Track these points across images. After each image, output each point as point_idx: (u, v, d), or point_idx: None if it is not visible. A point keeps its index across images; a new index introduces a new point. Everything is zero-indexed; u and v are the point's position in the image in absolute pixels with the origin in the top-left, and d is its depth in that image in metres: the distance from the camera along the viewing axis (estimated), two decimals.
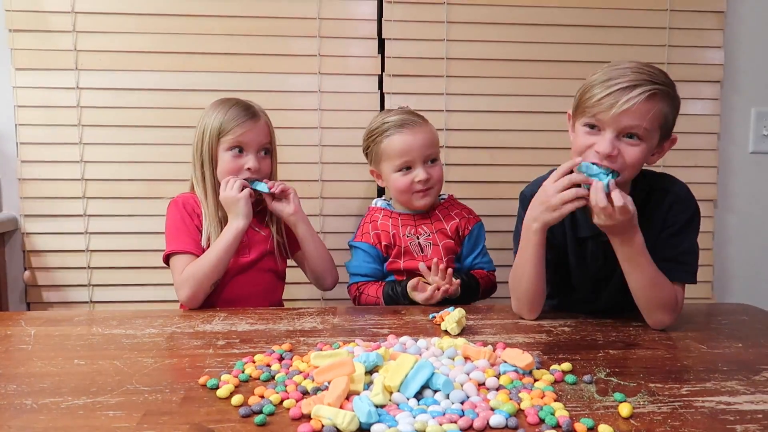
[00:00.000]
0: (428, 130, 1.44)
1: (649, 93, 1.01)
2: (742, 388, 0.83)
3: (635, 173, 1.09)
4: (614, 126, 1.03)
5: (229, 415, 0.73)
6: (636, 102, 1.00)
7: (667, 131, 1.08)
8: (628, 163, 1.05)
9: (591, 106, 1.04)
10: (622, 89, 1.01)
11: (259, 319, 1.18)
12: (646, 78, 1.02)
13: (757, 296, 1.83)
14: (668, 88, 1.05)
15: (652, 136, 1.05)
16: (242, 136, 1.33)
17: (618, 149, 1.04)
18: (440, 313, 1.13)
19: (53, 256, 1.76)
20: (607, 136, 1.03)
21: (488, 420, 0.70)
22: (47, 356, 0.95)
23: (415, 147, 1.40)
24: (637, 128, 1.03)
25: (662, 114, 1.04)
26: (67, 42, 1.69)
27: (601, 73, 1.06)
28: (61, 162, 1.72)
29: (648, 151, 1.06)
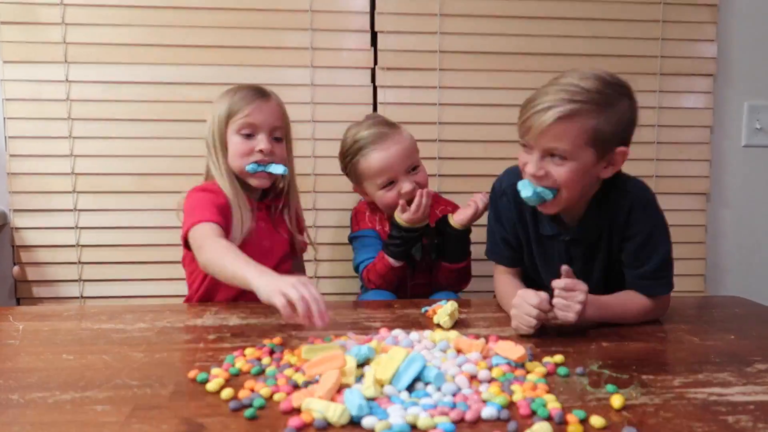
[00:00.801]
0: (402, 138, 1.40)
1: (562, 114, 0.98)
2: (734, 380, 0.83)
3: (576, 190, 1.06)
4: (537, 147, 1.03)
5: (218, 409, 0.73)
6: (548, 124, 0.99)
7: (605, 144, 1.03)
8: (559, 182, 1.04)
9: (519, 127, 1.06)
10: (537, 112, 1.00)
11: (251, 313, 1.17)
12: (564, 97, 0.99)
13: (749, 289, 1.83)
14: (595, 102, 1.00)
15: (579, 154, 1.02)
16: (251, 117, 1.25)
17: (544, 169, 1.04)
18: (433, 307, 1.12)
19: (43, 251, 1.74)
20: (533, 157, 1.04)
21: (480, 412, 0.69)
22: (35, 351, 0.94)
23: (394, 162, 1.37)
24: (558, 149, 1.02)
25: (585, 130, 1.00)
26: (57, 34, 1.67)
27: (534, 92, 1.05)
28: (50, 156, 1.70)
29: (580, 169, 1.03)
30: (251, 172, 1.27)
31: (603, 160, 1.05)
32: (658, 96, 1.84)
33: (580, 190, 1.08)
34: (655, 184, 1.85)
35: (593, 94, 1.00)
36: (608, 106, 1.01)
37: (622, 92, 1.05)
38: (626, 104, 1.05)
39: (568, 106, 0.99)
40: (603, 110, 1.01)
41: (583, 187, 1.08)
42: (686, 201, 1.89)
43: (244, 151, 1.26)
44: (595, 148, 1.02)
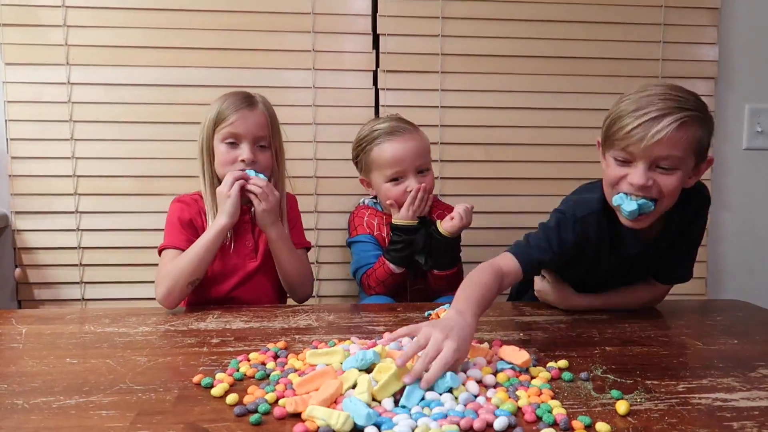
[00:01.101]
0: (419, 137, 1.44)
1: (680, 122, 0.97)
2: (739, 385, 0.83)
3: (674, 200, 1.05)
4: (646, 157, 1.00)
5: (223, 414, 0.73)
6: (667, 132, 0.96)
7: (702, 154, 1.04)
8: (665, 192, 1.02)
9: (621, 139, 1.00)
10: (651, 120, 0.97)
11: (254, 316, 1.17)
12: (675, 105, 0.98)
13: (750, 293, 1.83)
14: (699, 112, 1.00)
15: (687, 162, 1.02)
16: (235, 126, 1.27)
17: (652, 179, 1.01)
18: (436, 311, 1.13)
19: (45, 253, 1.74)
20: (640, 168, 1.00)
21: (489, 422, 0.69)
22: (39, 355, 0.93)
23: (406, 156, 1.40)
24: (671, 158, 0.99)
25: (695, 140, 1.00)
26: (58, 37, 1.67)
27: (629, 102, 1.02)
28: (52, 158, 1.70)
29: (684, 177, 1.03)
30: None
31: (695, 168, 1.05)
32: None
33: (673, 203, 1.06)
34: None
35: (697, 101, 1.01)
36: (706, 115, 1.02)
37: (707, 108, 1.05)
38: (711, 117, 1.05)
39: (684, 114, 0.97)
40: (705, 119, 1.01)
41: (675, 199, 1.06)
42: None
43: (228, 160, 1.29)
44: (696, 157, 1.03)
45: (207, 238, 1.23)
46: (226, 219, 1.23)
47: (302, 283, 1.38)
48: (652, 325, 1.13)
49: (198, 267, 1.23)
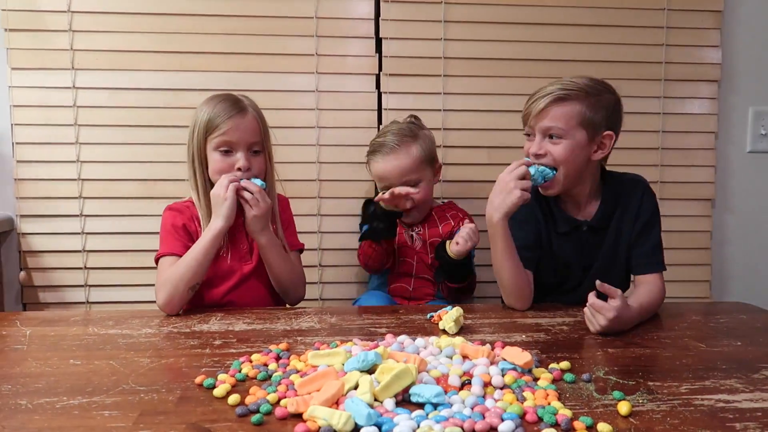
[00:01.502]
0: (408, 155, 1.50)
1: (556, 96, 1.20)
2: (742, 387, 0.83)
3: (573, 168, 1.23)
4: (537, 128, 1.23)
5: (225, 415, 0.73)
6: (544, 104, 1.20)
7: (595, 127, 1.22)
8: (557, 159, 1.21)
9: (524, 116, 1.27)
10: (536, 99, 1.22)
11: (257, 318, 1.17)
12: (559, 87, 1.21)
13: (755, 295, 1.83)
14: (583, 90, 1.20)
15: (573, 133, 1.21)
16: (228, 134, 1.26)
17: (545, 149, 1.22)
18: (438, 312, 1.13)
19: (49, 256, 1.75)
20: (536, 139, 1.24)
21: (494, 425, 0.68)
22: (43, 356, 0.94)
23: (391, 176, 1.50)
24: (554, 128, 1.21)
25: (576, 113, 1.20)
26: (64, 41, 1.68)
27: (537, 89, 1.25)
28: (57, 162, 1.71)
29: (573, 147, 1.21)
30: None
31: (593, 142, 1.23)
32: (663, 102, 1.84)
33: (577, 170, 1.24)
34: (660, 190, 1.85)
35: (581, 85, 1.22)
36: (594, 95, 1.22)
37: (606, 88, 1.25)
38: (610, 97, 1.25)
39: (561, 92, 1.20)
40: (589, 97, 1.21)
41: (578, 167, 1.23)
42: (691, 207, 1.89)
43: (223, 168, 1.28)
44: (586, 130, 1.21)
45: (204, 242, 1.24)
46: (222, 222, 1.23)
47: (294, 287, 1.37)
48: (654, 326, 1.13)
49: (197, 271, 1.23)
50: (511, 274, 1.23)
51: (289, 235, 1.40)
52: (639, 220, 1.28)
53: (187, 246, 1.27)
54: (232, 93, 1.35)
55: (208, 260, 1.24)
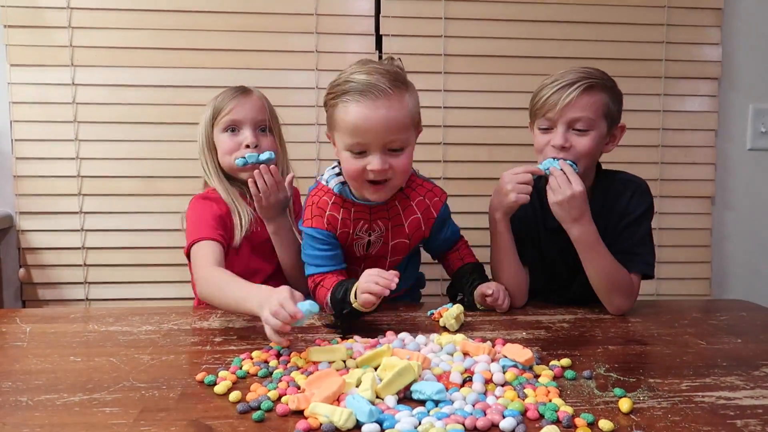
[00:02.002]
0: (398, 106, 1.06)
1: (586, 85, 1.15)
2: (742, 384, 0.83)
3: (591, 161, 1.21)
4: (563, 120, 1.17)
5: (226, 412, 0.73)
6: (576, 94, 1.14)
7: (613, 119, 1.20)
8: (582, 152, 1.17)
9: (541, 107, 1.19)
10: (563, 87, 1.16)
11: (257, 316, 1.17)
12: (582, 75, 1.16)
13: (754, 293, 1.83)
14: (604, 81, 1.18)
15: (599, 124, 1.17)
16: (234, 113, 1.26)
17: (569, 141, 1.17)
18: (438, 310, 1.12)
19: (49, 253, 1.75)
20: (559, 131, 1.17)
21: (495, 422, 0.68)
22: (43, 353, 0.94)
23: (371, 128, 1.05)
24: (583, 119, 1.16)
25: (603, 103, 1.17)
26: (63, 38, 1.68)
27: (547, 79, 1.20)
28: (56, 159, 1.71)
29: (598, 139, 1.18)
30: (240, 166, 1.27)
31: (609, 134, 1.21)
32: (663, 99, 1.84)
33: (594, 164, 1.23)
34: (660, 187, 1.85)
35: (602, 75, 1.19)
36: (612, 87, 1.20)
37: (613, 81, 1.22)
38: (619, 89, 1.22)
39: (590, 81, 1.16)
40: (610, 88, 1.19)
41: (595, 160, 1.22)
42: (691, 204, 1.89)
43: (232, 147, 1.27)
44: (607, 121, 1.19)
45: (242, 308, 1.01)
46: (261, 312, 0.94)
47: (297, 278, 1.29)
48: (655, 324, 1.13)
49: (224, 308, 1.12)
50: (510, 272, 1.24)
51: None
52: (624, 219, 1.23)
53: (222, 236, 1.21)
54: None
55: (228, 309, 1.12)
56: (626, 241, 1.22)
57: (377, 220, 1.19)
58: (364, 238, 1.20)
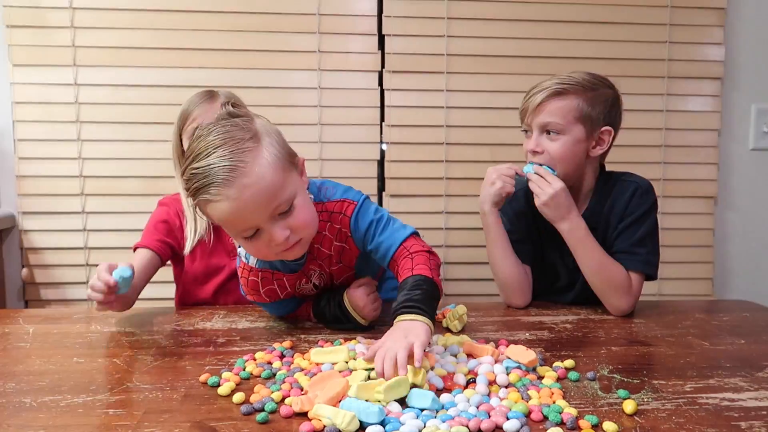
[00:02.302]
0: (259, 175, 0.86)
1: (553, 91, 1.16)
2: (746, 385, 0.83)
3: (570, 166, 1.19)
4: (534, 125, 1.19)
5: (230, 413, 0.73)
6: (541, 99, 1.16)
7: (593, 123, 1.18)
8: (554, 156, 1.18)
9: (521, 112, 1.23)
10: (534, 94, 1.19)
11: (260, 316, 1.17)
12: (557, 81, 1.17)
13: (757, 293, 1.83)
14: (579, 85, 1.17)
15: (571, 129, 1.17)
16: (198, 120, 1.26)
17: (541, 145, 1.18)
18: (441, 310, 1.12)
19: (51, 253, 1.75)
20: (533, 135, 1.20)
21: (499, 424, 0.68)
22: (46, 354, 0.94)
23: (248, 213, 0.87)
24: (551, 124, 1.17)
25: (573, 107, 1.17)
26: (65, 38, 1.68)
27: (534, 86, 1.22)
28: (59, 159, 1.71)
29: (571, 143, 1.17)
30: None
31: (591, 138, 1.20)
32: (666, 99, 1.84)
33: (576, 167, 1.21)
34: (663, 187, 1.85)
35: (579, 80, 1.19)
36: (591, 90, 1.18)
37: (604, 83, 1.21)
38: (608, 91, 1.21)
39: (558, 86, 1.17)
40: (587, 92, 1.18)
41: (577, 164, 1.20)
42: (694, 204, 1.89)
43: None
44: (584, 125, 1.18)
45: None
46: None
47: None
48: (658, 324, 1.13)
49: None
50: (506, 267, 1.25)
51: None
52: (624, 220, 1.21)
53: (162, 242, 1.29)
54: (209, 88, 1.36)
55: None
56: (626, 241, 1.21)
57: (307, 267, 1.07)
58: (308, 287, 1.10)
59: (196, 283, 1.33)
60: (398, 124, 1.78)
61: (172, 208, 1.34)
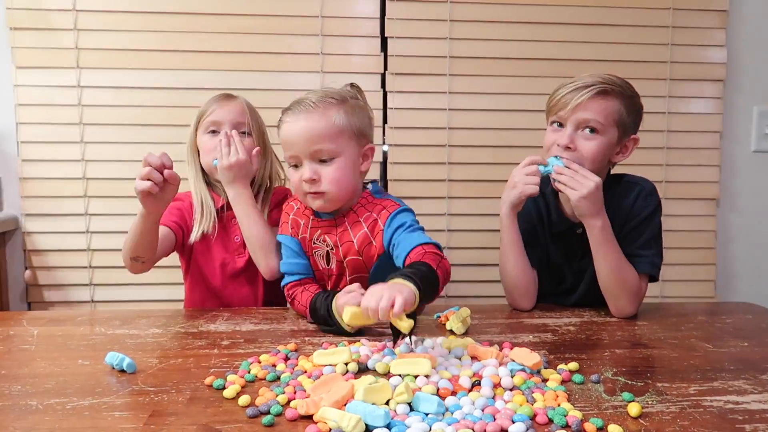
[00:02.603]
0: (325, 117, 1.10)
1: (600, 89, 1.15)
2: (750, 388, 0.83)
3: (595, 167, 1.17)
4: (572, 120, 1.17)
5: (236, 416, 0.73)
6: (588, 96, 1.15)
7: (625, 129, 1.19)
8: (585, 155, 1.17)
9: (555, 105, 1.20)
10: (578, 88, 1.16)
11: (263, 318, 1.17)
12: (600, 80, 1.16)
13: (760, 295, 1.83)
14: (622, 89, 1.18)
15: (608, 131, 1.17)
16: (215, 115, 1.31)
17: (575, 142, 1.17)
18: (445, 313, 1.13)
19: (54, 255, 1.75)
20: (566, 130, 1.17)
21: (504, 427, 0.68)
22: (51, 356, 0.94)
23: (295, 140, 1.11)
24: (592, 122, 1.16)
25: (615, 110, 1.16)
26: (69, 40, 1.68)
27: (567, 79, 1.20)
28: (62, 161, 1.72)
29: (605, 145, 1.17)
30: (215, 166, 1.29)
31: (620, 143, 1.20)
32: (668, 101, 1.84)
33: (600, 170, 1.19)
34: (665, 189, 1.85)
35: (621, 84, 1.19)
36: (631, 96, 1.19)
37: (635, 92, 1.22)
38: (639, 101, 1.22)
39: (605, 86, 1.16)
40: (628, 98, 1.19)
41: (603, 167, 1.20)
42: (696, 206, 1.89)
43: (211, 147, 1.30)
44: (618, 129, 1.18)
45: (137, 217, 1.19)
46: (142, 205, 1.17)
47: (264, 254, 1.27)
48: (661, 327, 1.13)
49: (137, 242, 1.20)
50: (517, 271, 1.24)
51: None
52: (628, 223, 1.23)
53: (176, 223, 1.32)
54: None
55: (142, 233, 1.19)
56: (632, 243, 1.22)
57: (325, 234, 1.18)
58: (323, 249, 1.19)
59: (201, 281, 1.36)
60: (400, 126, 1.78)
61: (185, 202, 1.36)
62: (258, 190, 1.38)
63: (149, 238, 1.21)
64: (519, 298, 1.25)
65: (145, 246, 1.22)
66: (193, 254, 1.36)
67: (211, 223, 1.33)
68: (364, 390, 0.73)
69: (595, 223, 1.16)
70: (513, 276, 1.25)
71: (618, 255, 1.18)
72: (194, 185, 1.35)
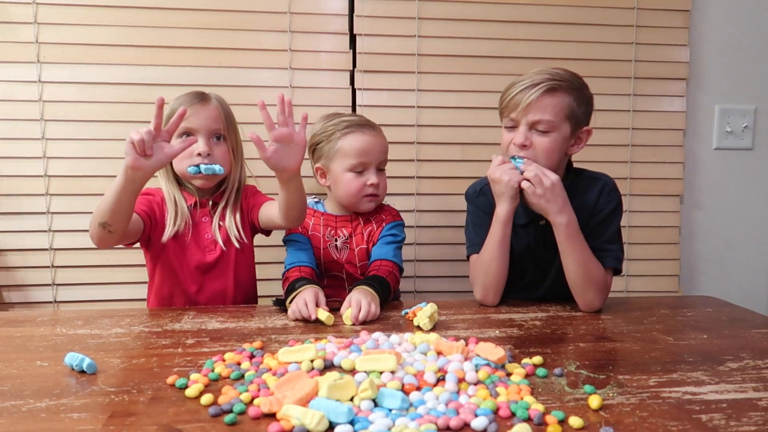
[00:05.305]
0: (383, 137, 1.44)
1: (548, 87, 1.17)
2: (707, 379, 0.85)
3: (551, 162, 1.20)
4: (524, 120, 1.19)
5: (198, 415, 0.72)
6: (536, 95, 1.17)
7: (578, 122, 1.21)
8: (542, 152, 1.19)
9: (506, 107, 1.22)
10: (526, 87, 1.18)
11: (230, 317, 1.16)
12: (547, 76, 1.18)
13: (722, 289, 1.87)
14: (570, 83, 1.19)
15: (561, 126, 1.19)
16: (189, 121, 1.26)
17: (530, 140, 1.19)
18: (413, 309, 1.13)
19: (15, 255, 1.70)
20: (521, 130, 1.20)
21: (467, 421, 0.69)
22: (8, 358, 0.92)
23: (373, 150, 1.39)
24: (544, 121, 1.18)
25: (566, 105, 1.19)
26: (29, 34, 1.63)
27: (516, 78, 1.22)
28: (22, 158, 1.67)
29: (560, 140, 1.20)
30: (192, 174, 1.28)
31: (573, 136, 1.23)
32: (632, 99, 1.87)
33: (556, 165, 1.22)
34: (630, 186, 1.88)
35: (568, 78, 1.21)
36: (579, 89, 1.22)
37: (584, 83, 1.24)
38: (589, 92, 1.24)
39: (552, 83, 1.17)
40: (576, 90, 1.21)
41: (556, 161, 1.22)
42: (660, 203, 1.93)
43: (184, 155, 1.27)
44: (571, 123, 1.20)
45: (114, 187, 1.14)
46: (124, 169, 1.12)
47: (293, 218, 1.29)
48: (625, 321, 1.15)
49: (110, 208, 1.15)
50: (501, 268, 1.24)
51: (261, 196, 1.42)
52: (594, 218, 1.25)
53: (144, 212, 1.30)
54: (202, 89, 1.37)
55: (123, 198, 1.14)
56: (598, 238, 1.24)
57: (341, 228, 1.43)
58: (333, 242, 1.42)
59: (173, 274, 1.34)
60: None
61: (156, 197, 1.35)
62: (230, 191, 1.38)
63: (125, 208, 1.16)
64: (493, 295, 1.25)
65: (119, 215, 1.16)
66: (165, 252, 1.33)
67: (184, 222, 1.33)
68: (328, 387, 0.72)
69: (561, 219, 1.18)
70: (495, 274, 1.24)
71: (585, 250, 1.20)
72: (165, 185, 1.34)
